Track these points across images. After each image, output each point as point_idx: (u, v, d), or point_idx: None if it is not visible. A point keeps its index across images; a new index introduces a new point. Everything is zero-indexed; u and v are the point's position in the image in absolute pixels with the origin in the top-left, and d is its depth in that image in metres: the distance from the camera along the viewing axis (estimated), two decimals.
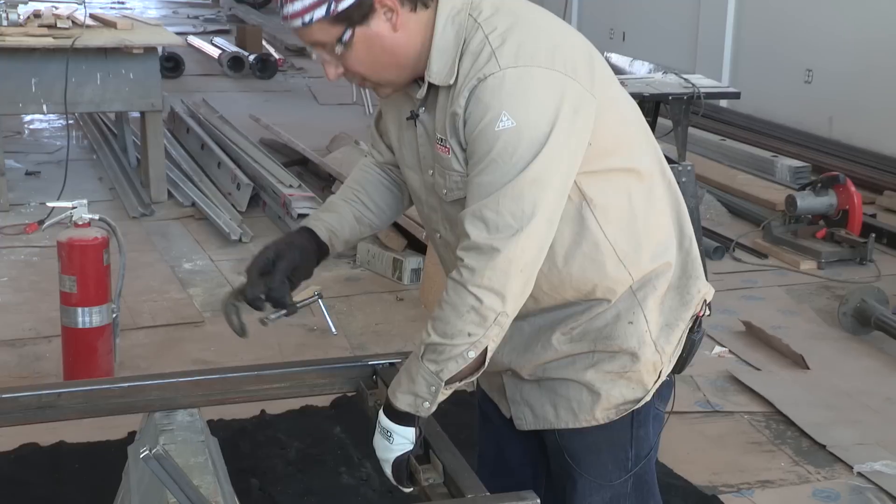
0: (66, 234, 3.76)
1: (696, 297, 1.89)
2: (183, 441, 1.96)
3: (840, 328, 4.65)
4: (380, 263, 5.29)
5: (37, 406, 2.01)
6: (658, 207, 1.85)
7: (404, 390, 1.78)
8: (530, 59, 1.66)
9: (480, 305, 1.67)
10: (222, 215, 5.93)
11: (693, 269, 1.90)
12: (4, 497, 3.13)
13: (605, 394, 1.86)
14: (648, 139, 1.87)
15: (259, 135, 7.67)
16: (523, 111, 1.65)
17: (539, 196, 1.66)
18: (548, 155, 1.65)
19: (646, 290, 1.84)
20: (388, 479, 1.86)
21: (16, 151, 7.38)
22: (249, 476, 3.23)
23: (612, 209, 1.79)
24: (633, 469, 1.92)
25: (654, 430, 1.96)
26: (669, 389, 1.96)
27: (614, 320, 1.83)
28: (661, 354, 1.86)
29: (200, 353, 4.27)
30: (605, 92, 1.75)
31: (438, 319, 1.72)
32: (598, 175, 1.76)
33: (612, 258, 1.80)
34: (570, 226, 1.78)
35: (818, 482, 3.41)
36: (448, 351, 1.72)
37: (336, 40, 1.70)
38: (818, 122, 8.28)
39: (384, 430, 1.81)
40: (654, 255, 1.84)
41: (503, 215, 1.66)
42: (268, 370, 2.17)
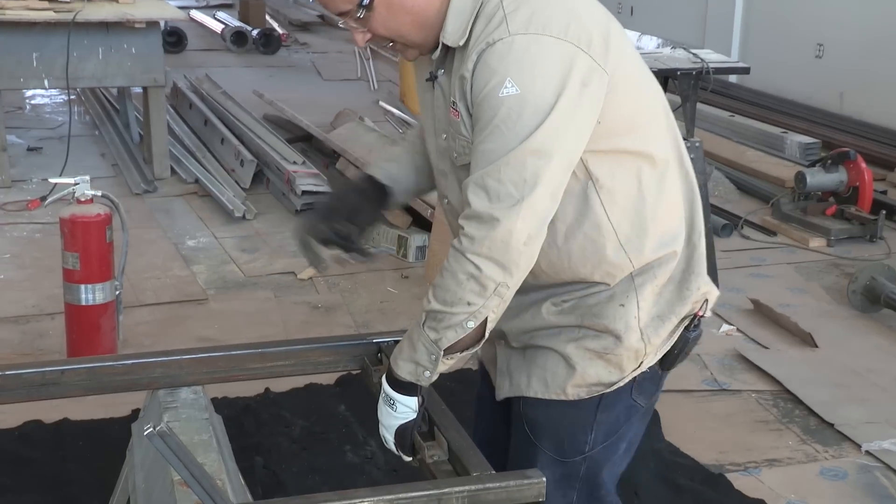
0: (68, 210, 3.76)
1: (696, 294, 1.86)
2: (187, 419, 1.97)
3: (849, 306, 4.65)
4: (384, 240, 5.29)
5: (40, 383, 2.02)
6: (669, 196, 1.82)
7: (406, 358, 1.80)
8: (542, 27, 1.66)
9: (480, 274, 1.68)
10: (226, 192, 5.93)
11: (697, 265, 1.87)
12: (8, 474, 3.15)
13: (580, 370, 1.84)
14: (669, 126, 1.84)
15: (263, 111, 7.66)
16: (529, 79, 1.64)
17: (542, 167, 1.65)
18: (551, 125, 1.65)
19: (645, 276, 1.82)
20: (390, 447, 1.89)
21: (17, 127, 7.37)
22: (254, 454, 3.25)
23: (619, 192, 1.77)
24: (588, 452, 1.89)
25: (627, 422, 1.91)
26: (654, 385, 1.92)
27: (607, 300, 1.82)
28: (645, 344, 1.84)
29: (204, 330, 4.28)
30: (622, 70, 1.72)
31: (439, 286, 1.73)
32: (606, 155, 1.75)
33: (612, 242, 1.79)
34: (574, 203, 1.76)
35: (826, 461, 3.42)
36: (447, 319, 1.73)
37: (357, 5, 1.72)
38: (829, 97, 8.24)
39: (387, 399, 1.83)
40: (659, 244, 1.82)
41: (504, 184, 1.65)
42: (272, 348, 2.18)
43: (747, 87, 8.82)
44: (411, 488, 1.71)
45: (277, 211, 5.89)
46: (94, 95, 8.11)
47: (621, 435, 1.92)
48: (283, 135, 6.89)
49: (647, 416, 1.97)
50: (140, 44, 6.12)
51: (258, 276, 4.93)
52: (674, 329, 1.87)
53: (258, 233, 5.54)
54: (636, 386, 1.88)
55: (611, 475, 1.96)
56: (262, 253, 5.25)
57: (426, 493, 1.69)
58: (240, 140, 6.51)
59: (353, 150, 6.13)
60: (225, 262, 5.11)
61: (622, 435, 1.92)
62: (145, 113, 6.50)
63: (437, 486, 1.72)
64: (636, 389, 1.88)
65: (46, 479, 3.14)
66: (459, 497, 1.70)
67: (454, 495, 1.69)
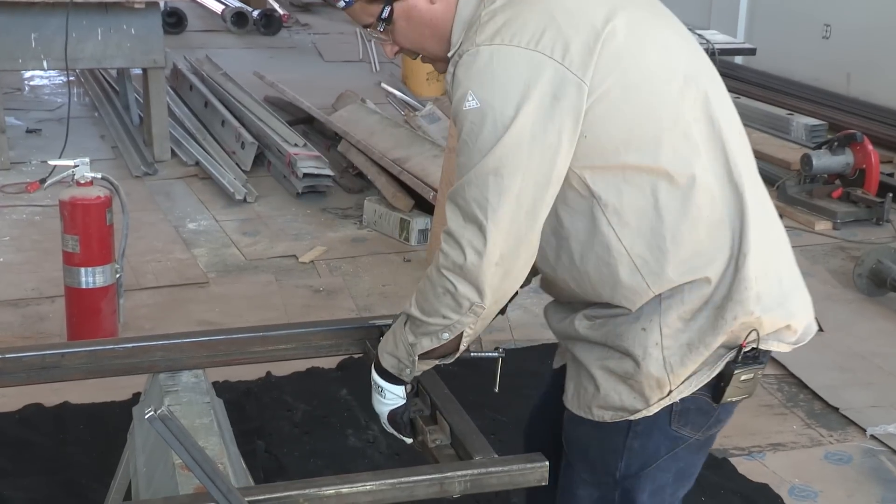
0: (68, 192, 3.76)
1: (732, 324, 1.68)
2: (188, 402, 1.97)
3: (855, 289, 4.64)
4: (387, 224, 5.29)
5: (41, 366, 2.03)
6: (700, 216, 1.66)
7: (389, 351, 1.83)
8: (510, 37, 1.61)
9: (455, 292, 1.67)
10: (226, 174, 5.92)
11: (738, 291, 1.67)
12: (9, 457, 3.16)
13: (603, 392, 1.76)
14: (701, 139, 1.67)
15: (263, 92, 7.64)
16: (488, 92, 1.59)
17: (505, 186, 1.60)
18: (511, 141, 1.59)
19: (672, 300, 1.69)
20: (390, 430, 1.91)
21: (16, 108, 7.36)
22: (255, 438, 3.25)
23: (629, 212, 1.66)
24: (620, 479, 1.80)
25: (671, 454, 1.79)
26: (704, 418, 1.77)
27: (631, 322, 1.72)
28: (668, 373, 1.70)
29: (205, 314, 4.29)
30: (619, 80, 1.61)
31: (420, 293, 1.74)
32: (608, 171, 1.65)
33: (626, 265, 1.68)
34: (584, 223, 1.69)
35: (830, 445, 3.42)
36: (423, 327, 1.74)
37: (377, 18, 1.73)
38: (836, 78, 8.21)
39: (376, 386, 1.87)
40: (687, 268, 1.67)
41: (469, 203, 1.63)
42: (273, 331, 2.18)
43: (753, 68, 8.79)
44: (414, 472, 1.71)
45: (279, 194, 5.88)
46: (94, 77, 8.09)
47: (663, 466, 1.80)
48: (285, 117, 6.87)
49: (704, 448, 1.85)
50: (139, 24, 6.11)
51: (259, 260, 4.93)
52: (709, 360, 1.72)
53: (259, 216, 5.54)
54: (677, 417, 1.75)
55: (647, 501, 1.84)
56: (264, 236, 5.25)
57: (429, 478, 1.70)
58: (241, 122, 6.50)
59: (355, 132, 6.12)
60: (226, 245, 5.11)
61: (664, 466, 1.80)
62: (145, 95, 6.48)
63: (440, 469, 1.72)
64: (678, 420, 1.76)
65: (47, 463, 3.15)
66: (462, 481, 1.70)
67: (456, 479, 1.70)
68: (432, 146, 5.64)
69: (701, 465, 1.89)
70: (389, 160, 5.58)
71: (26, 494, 2.95)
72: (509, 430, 3.39)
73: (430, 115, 6.59)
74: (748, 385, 1.75)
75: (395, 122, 6.26)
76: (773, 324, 1.73)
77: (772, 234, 1.76)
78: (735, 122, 1.76)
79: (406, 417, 1.89)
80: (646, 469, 1.79)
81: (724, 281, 1.68)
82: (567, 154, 1.62)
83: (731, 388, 1.73)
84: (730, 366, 1.72)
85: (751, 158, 1.77)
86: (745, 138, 1.77)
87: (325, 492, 1.65)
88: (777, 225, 1.80)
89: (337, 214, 5.59)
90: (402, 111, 7.32)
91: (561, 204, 1.68)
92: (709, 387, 1.74)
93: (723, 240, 1.68)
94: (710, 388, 1.74)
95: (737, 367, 1.72)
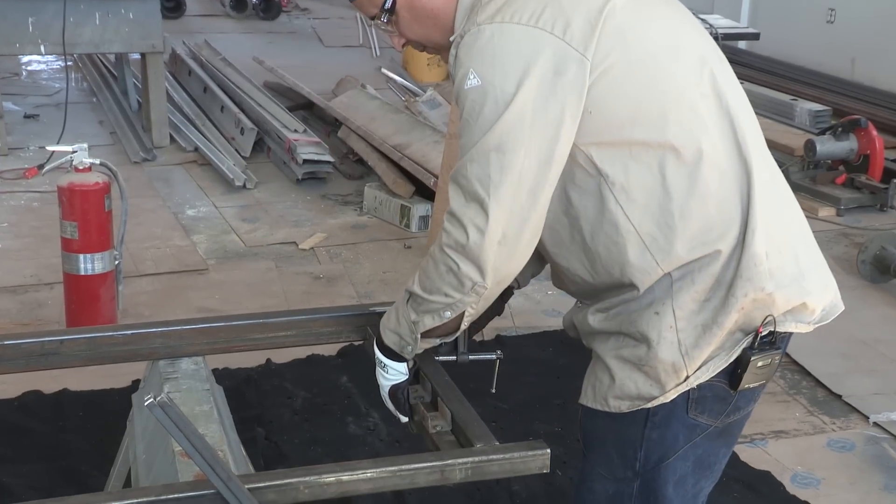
0: (66, 178, 3.75)
1: (743, 301, 1.67)
2: (188, 389, 1.98)
3: (858, 276, 4.64)
4: (387, 210, 5.28)
5: (39, 353, 2.03)
6: (708, 191, 1.66)
7: (392, 328, 1.85)
8: (511, 15, 1.62)
9: (458, 271, 1.68)
10: (226, 161, 5.92)
11: (747, 268, 1.67)
12: (8, 444, 3.17)
13: (618, 381, 1.75)
14: (709, 115, 1.67)
15: (263, 78, 7.62)
16: (489, 69, 1.61)
17: (507, 163, 1.61)
18: (512, 118, 1.59)
19: (683, 282, 1.68)
20: (388, 406, 1.93)
21: (13, 94, 7.35)
22: (255, 425, 3.26)
23: (637, 189, 1.65)
24: (640, 470, 1.79)
25: (691, 443, 1.78)
26: (722, 405, 1.76)
27: (644, 307, 1.71)
28: (683, 356, 1.69)
29: (204, 301, 4.29)
30: (622, 55, 1.62)
31: (422, 270, 1.75)
32: (614, 148, 1.65)
33: (635, 243, 1.67)
34: (592, 202, 1.69)
35: (833, 432, 3.43)
36: (425, 305, 1.75)
37: (381, 9, 1.75)
38: (840, 63, 8.19)
39: (379, 362, 1.89)
40: (696, 243, 1.67)
41: (471, 181, 1.64)
42: (273, 318, 2.18)
43: (757, 53, 8.77)
44: (414, 459, 1.71)
45: (278, 180, 5.88)
46: (92, 62, 8.08)
47: (683, 455, 1.79)
48: (284, 102, 6.87)
49: (725, 437, 1.83)
50: (138, 9, 6.09)
51: (259, 246, 4.93)
52: (725, 343, 1.71)
53: (259, 202, 5.53)
54: (694, 404, 1.75)
55: (681, 497, 1.83)
56: (263, 223, 5.24)
57: (429, 465, 1.70)
58: (240, 108, 6.49)
59: (355, 118, 6.11)
60: (225, 231, 5.11)
61: (684, 455, 1.79)
62: (144, 80, 6.47)
63: (441, 457, 1.73)
64: (695, 408, 1.75)
65: (46, 450, 3.16)
66: (463, 468, 1.71)
67: (457, 467, 1.70)
68: (433, 132, 5.63)
69: (723, 455, 1.86)
70: (390, 146, 5.57)
71: (26, 481, 2.95)
72: (511, 417, 3.40)
73: (430, 100, 6.58)
74: (765, 371, 1.74)
75: (395, 108, 6.25)
76: (787, 301, 1.72)
77: (785, 212, 1.76)
78: (743, 100, 1.76)
79: (406, 394, 1.90)
80: (665, 461, 1.78)
81: (733, 257, 1.68)
82: (570, 130, 1.63)
83: (748, 374, 1.72)
84: (746, 352, 1.71)
85: (760, 137, 1.77)
86: (754, 118, 1.78)
87: (325, 479, 1.65)
88: (791, 204, 1.79)
89: (337, 201, 5.59)
90: (403, 97, 7.30)
91: (570, 183, 1.69)
92: (726, 373, 1.73)
93: (732, 215, 1.68)
94: (727, 375, 1.74)
95: (753, 353, 1.71)
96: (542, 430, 3.30)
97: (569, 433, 3.21)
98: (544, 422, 3.39)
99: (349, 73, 7.60)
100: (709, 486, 1.88)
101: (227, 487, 1.55)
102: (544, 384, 3.61)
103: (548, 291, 4.46)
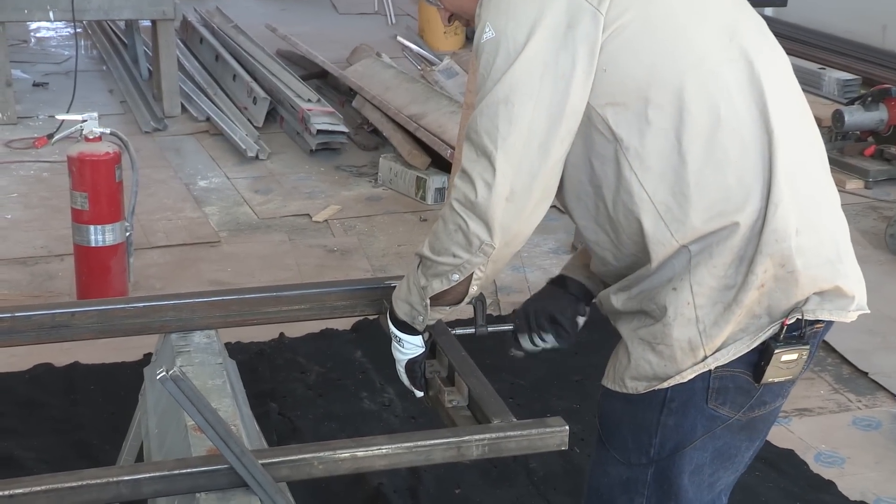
0: (76, 148, 3.77)
1: (762, 278, 1.64)
2: (200, 363, 1.99)
3: (886, 250, 4.62)
4: (402, 182, 5.28)
5: (51, 325, 2.04)
6: (727, 159, 1.63)
7: (403, 298, 1.85)
8: None
9: (466, 229, 1.68)
10: (238, 131, 5.92)
11: (768, 244, 1.63)
12: (19, 417, 3.20)
13: (634, 360, 1.73)
14: (735, 81, 1.65)
15: (276, 46, 7.60)
16: (502, 20, 1.63)
17: (515, 114, 1.61)
18: (521, 68, 1.60)
19: (700, 256, 1.65)
20: (403, 380, 1.94)
21: (22, 61, 7.36)
22: (268, 400, 3.28)
23: (652, 155, 1.63)
24: (655, 457, 1.77)
25: (710, 434, 1.75)
26: (745, 397, 1.73)
27: (665, 282, 1.68)
28: (702, 335, 1.67)
29: (216, 273, 4.31)
30: (640, 12, 1.62)
31: (433, 233, 1.76)
32: (630, 111, 1.63)
33: (649, 213, 1.65)
34: (611, 168, 1.67)
35: (859, 410, 3.42)
36: (434, 267, 1.75)
37: None
38: (870, 30, 8.09)
39: (394, 336, 1.90)
40: (712, 214, 1.63)
41: (480, 135, 1.64)
42: (287, 291, 2.19)
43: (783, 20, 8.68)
44: (430, 436, 1.72)
45: (292, 151, 5.88)
46: (101, 29, 8.07)
47: (701, 445, 1.76)
48: (298, 71, 6.85)
49: (748, 431, 1.80)
50: None
51: (272, 218, 4.94)
52: (748, 326, 1.68)
53: (272, 173, 5.54)
54: (714, 395, 1.72)
55: (696, 487, 1.80)
56: (276, 194, 5.25)
57: (445, 441, 1.70)
58: (252, 77, 6.48)
59: (370, 87, 6.09)
60: (238, 203, 5.12)
61: (702, 445, 1.76)
62: (154, 47, 6.47)
63: (457, 433, 1.73)
64: (715, 398, 1.72)
65: (57, 423, 3.19)
66: (480, 445, 1.71)
67: (474, 443, 1.71)
68: (449, 102, 5.61)
69: (746, 449, 1.83)
70: (405, 116, 5.56)
71: (37, 455, 2.98)
72: (528, 393, 3.41)
73: (447, 69, 6.56)
74: (791, 367, 1.70)
75: (411, 77, 6.23)
76: (814, 283, 1.68)
77: (818, 193, 1.72)
78: (782, 74, 1.72)
79: (423, 367, 1.92)
80: (681, 450, 1.76)
81: (753, 231, 1.64)
82: (583, 86, 1.62)
83: (771, 367, 1.69)
84: (770, 343, 1.68)
85: (799, 114, 1.73)
86: (794, 93, 1.74)
87: (340, 455, 1.66)
88: (827, 186, 1.75)
89: (351, 172, 5.59)
90: (419, 66, 7.28)
91: (591, 151, 1.68)
92: (749, 364, 1.70)
93: (752, 187, 1.64)
94: (751, 366, 1.71)
95: (778, 346, 1.67)
96: (561, 406, 3.30)
97: (587, 410, 3.22)
98: (562, 398, 3.40)
99: (364, 41, 7.57)
100: (728, 477, 1.86)
101: (240, 462, 1.56)
102: (562, 360, 3.60)
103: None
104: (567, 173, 1.72)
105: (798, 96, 1.76)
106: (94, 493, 1.56)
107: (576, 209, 1.76)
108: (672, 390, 1.72)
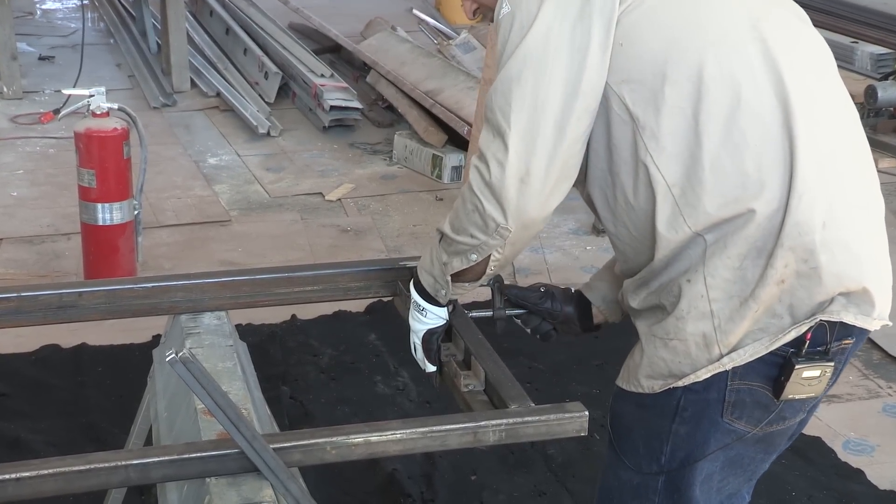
0: (83, 124, 3.78)
1: (782, 273, 1.60)
2: (210, 345, 1.99)
3: None
4: (418, 160, 5.27)
5: (57, 305, 2.05)
6: (745, 142, 1.59)
7: (426, 269, 1.86)
8: None
9: (483, 210, 1.68)
10: (249, 106, 5.92)
11: (790, 236, 1.58)
12: (26, 399, 3.23)
13: (648, 357, 1.72)
14: (758, 62, 1.61)
15: (288, 19, 7.60)
16: None
17: (527, 90, 1.60)
18: (533, 42, 1.60)
19: (716, 246, 1.62)
20: (417, 356, 1.94)
21: (28, 34, 7.38)
22: (280, 383, 3.30)
23: (667, 136, 1.61)
24: (665, 467, 1.76)
25: (725, 448, 1.73)
26: (763, 412, 1.69)
27: (679, 274, 1.66)
28: (717, 331, 1.64)
29: (227, 253, 4.32)
30: None
31: (454, 210, 1.76)
32: (646, 89, 1.61)
33: (665, 198, 1.63)
34: (629, 152, 1.65)
35: (889, 397, 3.41)
36: (454, 245, 1.76)
37: None
38: None
39: (416, 305, 1.90)
40: (727, 200, 1.60)
41: (495, 113, 1.64)
42: (299, 272, 2.19)
43: None
44: (446, 420, 1.72)
45: (304, 127, 5.88)
46: (109, 0, 8.08)
47: (713, 457, 1.75)
48: (310, 45, 6.84)
49: (765, 444, 1.77)
50: None
51: (283, 197, 4.95)
52: (768, 326, 1.64)
53: (284, 150, 5.54)
54: (731, 408, 1.69)
55: (704, 493, 1.78)
56: (288, 172, 5.26)
57: (462, 426, 1.70)
58: (264, 51, 6.48)
59: (385, 62, 6.08)
60: (248, 181, 5.13)
61: (714, 457, 1.74)
62: (163, 20, 6.47)
63: (473, 418, 1.73)
64: (731, 412, 1.69)
65: (65, 406, 3.21)
66: (496, 430, 1.71)
67: (491, 428, 1.71)
68: (467, 77, 5.60)
69: (760, 460, 1.81)
70: (421, 92, 5.55)
71: (45, 437, 3.01)
72: (546, 378, 3.42)
73: (464, 44, 6.53)
74: (813, 384, 1.65)
75: (427, 52, 6.21)
76: (839, 282, 1.63)
77: (850, 186, 1.67)
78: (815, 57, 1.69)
79: (440, 340, 1.91)
80: (693, 462, 1.74)
81: (772, 222, 1.60)
82: (600, 61, 1.61)
83: (791, 383, 1.64)
84: (791, 358, 1.63)
85: (834, 97, 1.69)
86: (829, 79, 1.70)
87: (353, 440, 1.66)
88: (862, 178, 1.70)
89: (365, 150, 5.59)
90: (435, 40, 7.25)
91: (610, 136, 1.67)
92: (769, 378, 1.67)
93: (772, 174, 1.60)
94: (771, 381, 1.67)
95: (799, 361, 1.63)
96: (580, 391, 3.31)
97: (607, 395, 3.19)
98: (581, 383, 3.40)
99: (379, 15, 7.55)
100: (739, 484, 1.84)
101: (251, 447, 1.56)
102: (582, 344, 3.59)
103: (586, 247, 4.45)
104: (590, 162, 1.71)
105: (832, 79, 1.72)
106: (102, 478, 1.57)
107: (597, 199, 1.76)
108: (685, 398, 1.70)
